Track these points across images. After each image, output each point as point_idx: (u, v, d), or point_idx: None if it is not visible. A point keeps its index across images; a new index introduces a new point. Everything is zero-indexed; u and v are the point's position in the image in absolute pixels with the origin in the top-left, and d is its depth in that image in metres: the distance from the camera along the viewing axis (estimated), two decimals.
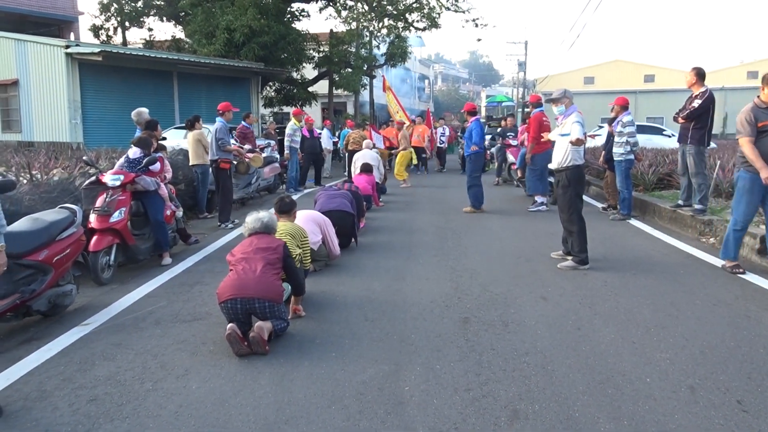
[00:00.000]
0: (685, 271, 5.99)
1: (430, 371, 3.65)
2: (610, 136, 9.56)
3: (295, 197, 10.16)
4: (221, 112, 9.38)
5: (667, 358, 3.81)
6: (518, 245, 7.35)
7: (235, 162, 9.86)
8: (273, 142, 15.42)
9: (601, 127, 24.73)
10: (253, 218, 4.46)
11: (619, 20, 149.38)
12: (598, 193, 11.92)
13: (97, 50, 16.03)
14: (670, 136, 21.05)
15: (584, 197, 10.15)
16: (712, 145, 13.50)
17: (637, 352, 3.91)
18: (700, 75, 7.73)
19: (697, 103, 7.66)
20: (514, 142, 13.41)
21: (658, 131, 22.11)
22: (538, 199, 10.26)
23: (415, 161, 16.04)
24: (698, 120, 7.69)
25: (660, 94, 39.33)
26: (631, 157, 8.87)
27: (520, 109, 37.00)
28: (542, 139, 9.02)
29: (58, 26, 28.53)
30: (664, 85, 42.38)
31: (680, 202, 8.39)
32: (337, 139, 19.55)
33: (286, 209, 5.35)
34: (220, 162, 8.91)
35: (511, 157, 13.37)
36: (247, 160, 10.53)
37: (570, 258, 6.26)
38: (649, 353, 3.90)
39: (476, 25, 24.32)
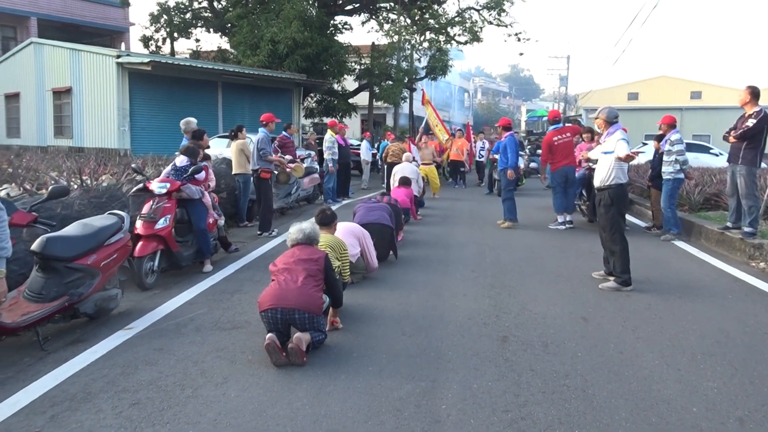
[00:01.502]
0: (733, 297, 5.80)
1: (467, 390, 3.61)
2: (656, 154, 9.38)
3: (333, 208, 10.26)
4: (264, 122, 9.51)
5: (714, 387, 3.69)
6: (559, 263, 7.24)
7: (276, 172, 9.99)
8: (313, 153, 15.59)
9: (645, 144, 24.26)
10: (296, 229, 4.50)
11: (665, 36, 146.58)
12: (641, 212, 11.65)
13: (146, 60, 16.52)
14: (717, 155, 20.48)
15: (627, 216, 9.98)
16: (763, 165, 13.08)
17: (682, 380, 3.80)
18: (754, 94, 7.52)
19: (751, 122, 7.45)
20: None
21: (705, 149, 21.53)
22: (560, 218, 10.10)
23: (434, 179, 15.09)
24: (751, 140, 7.47)
25: (707, 111, 38.31)
26: (681, 176, 8.64)
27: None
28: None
29: (111, 36, 29.58)
30: (712, 102, 41.22)
31: (728, 224, 8.13)
32: (376, 151, 19.65)
33: (327, 221, 5.39)
34: (261, 172, 9.03)
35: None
36: (288, 170, 10.67)
37: (612, 279, 6.13)
38: (695, 381, 3.78)
39: (518, 40, 24.20)
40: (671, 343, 4.46)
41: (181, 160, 6.74)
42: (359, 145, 17.98)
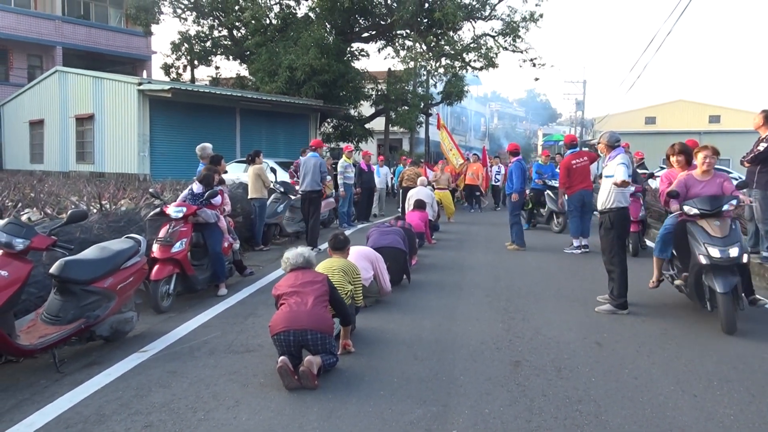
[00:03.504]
0: (752, 322, 5.70)
1: (478, 415, 3.59)
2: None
3: (348, 232, 10.32)
4: (314, 147, 10.44)
5: (731, 414, 3.62)
6: (574, 288, 7.18)
7: None
8: (329, 177, 15.71)
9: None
10: (295, 254, 4.54)
11: (682, 60, 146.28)
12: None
13: (167, 87, 16.88)
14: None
15: (646, 241, 9.86)
16: None
17: (698, 407, 3.74)
18: (767, 118, 7.48)
19: (762, 146, 7.41)
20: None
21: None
22: (575, 242, 10.04)
23: (449, 204, 14.96)
24: (764, 164, 7.42)
25: (726, 135, 37.97)
26: None
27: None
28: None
29: (133, 64, 30.28)
30: (731, 126, 40.87)
31: (747, 248, 8.02)
32: (392, 176, 19.73)
33: (340, 246, 5.42)
34: (323, 192, 10.23)
35: None
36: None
37: (608, 302, 6.09)
38: (711, 408, 3.71)
39: (534, 65, 24.27)
40: (687, 369, 4.40)
41: (198, 187, 6.86)
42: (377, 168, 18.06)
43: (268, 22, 22.86)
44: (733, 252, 5.33)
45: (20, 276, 3.94)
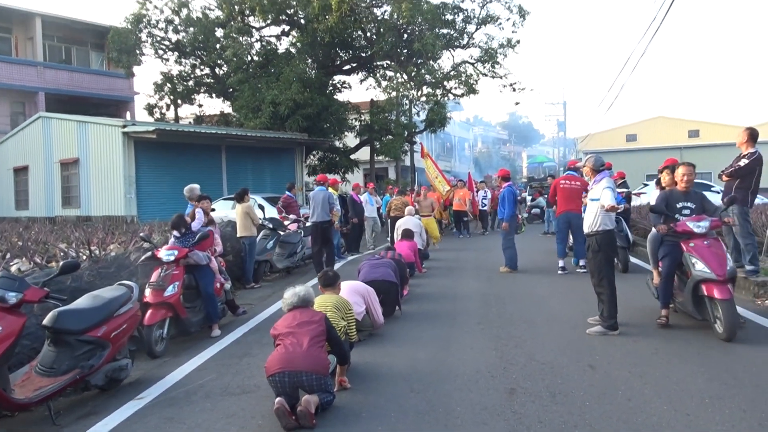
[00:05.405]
0: (740, 336, 5.78)
1: None
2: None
3: (338, 265, 10.36)
4: (322, 182, 11.39)
5: (723, 431, 3.68)
6: (565, 311, 7.26)
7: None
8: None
9: (646, 185, 24.40)
10: (291, 293, 4.60)
11: (658, 77, 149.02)
12: (645, 254, 11.66)
13: (151, 128, 16.97)
14: (719, 192, 20.59)
15: (632, 259, 9.99)
16: (759, 200, 13.20)
17: (691, 425, 3.79)
18: (752, 136, 7.67)
19: (743, 162, 7.61)
20: (697, 227, 5.95)
21: (706, 188, 21.65)
22: (561, 262, 10.23)
23: (433, 230, 14.77)
24: (743, 180, 7.62)
25: (706, 149, 38.67)
26: None
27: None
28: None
29: (116, 106, 30.40)
30: (710, 140, 41.63)
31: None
32: (379, 205, 19.78)
33: (330, 283, 5.47)
34: (333, 223, 11.02)
35: (700, 264, 5.80)
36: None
37: (599, 323, 6.16)
38: (704, 426, 3.77)
39: (514, 90, 24.73)
40: (679, 387, 4.46)
41: (176, 232, 6.93)
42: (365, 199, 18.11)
43: (249, 59, 23.16)
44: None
45: (14, 330, 3.95)
